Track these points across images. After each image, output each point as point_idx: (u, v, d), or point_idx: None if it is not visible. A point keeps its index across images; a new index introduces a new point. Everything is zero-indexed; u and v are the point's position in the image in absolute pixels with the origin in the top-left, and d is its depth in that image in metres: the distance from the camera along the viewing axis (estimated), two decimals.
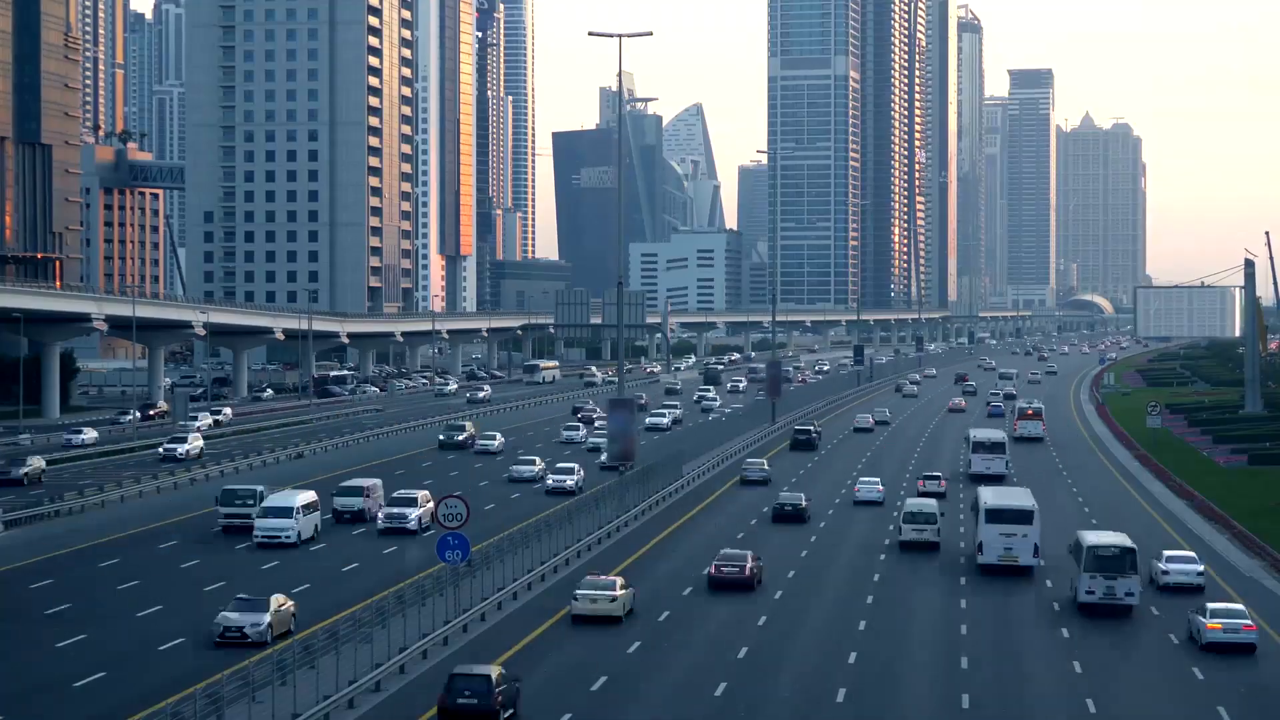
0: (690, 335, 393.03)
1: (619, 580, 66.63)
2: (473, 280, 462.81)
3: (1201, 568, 75.63)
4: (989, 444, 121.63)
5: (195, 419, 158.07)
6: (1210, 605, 63.45)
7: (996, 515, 78.96)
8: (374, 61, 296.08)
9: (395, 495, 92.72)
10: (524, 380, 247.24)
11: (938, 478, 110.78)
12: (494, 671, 49.89)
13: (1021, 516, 78.56)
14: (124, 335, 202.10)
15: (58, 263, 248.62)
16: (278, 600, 61.06)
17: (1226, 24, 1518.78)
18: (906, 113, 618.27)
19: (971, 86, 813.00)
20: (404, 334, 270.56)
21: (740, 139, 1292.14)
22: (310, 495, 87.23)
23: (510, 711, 50.05)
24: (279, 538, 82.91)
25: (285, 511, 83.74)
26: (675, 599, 70.99)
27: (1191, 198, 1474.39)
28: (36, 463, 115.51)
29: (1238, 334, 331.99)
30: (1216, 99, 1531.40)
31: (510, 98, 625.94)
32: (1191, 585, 73.83)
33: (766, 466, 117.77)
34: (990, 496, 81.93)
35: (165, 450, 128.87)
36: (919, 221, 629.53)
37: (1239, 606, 64.11)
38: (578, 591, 65.51)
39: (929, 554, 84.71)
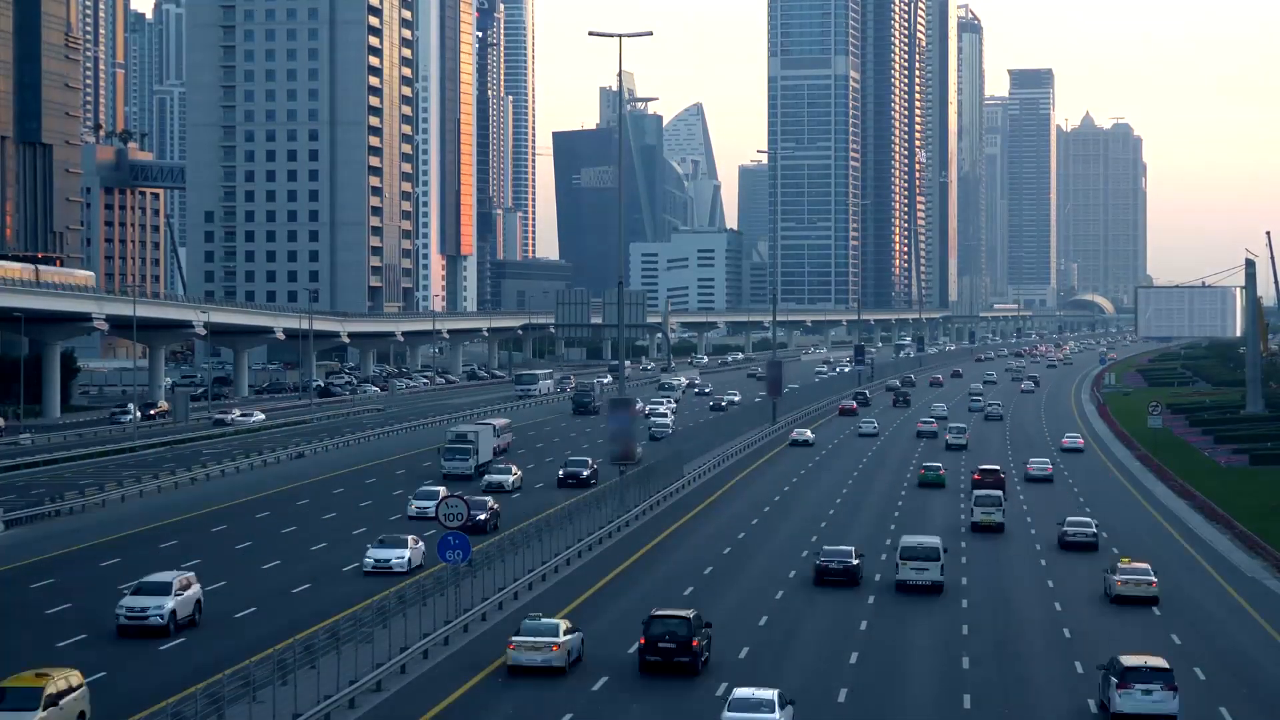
0: (691, 335, 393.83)
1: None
2: (473, 280, 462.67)
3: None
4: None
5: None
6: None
7: None
8: (374, 61, 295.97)
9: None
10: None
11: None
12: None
13: None
14: (125, 335, 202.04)
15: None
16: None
17: (1227, 24, 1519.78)
18: (906, 113, 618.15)
19: (971, 86, 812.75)
20: (404, 334, 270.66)
21: (740, 139, 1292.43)
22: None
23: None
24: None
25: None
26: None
27: (1192, 197, 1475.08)
28: None
29: (1239, 334, 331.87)
30: (1217, 98, 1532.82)
31: (510, 98, 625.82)
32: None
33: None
34: None
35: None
36: (919, 221, 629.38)
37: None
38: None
39: None
